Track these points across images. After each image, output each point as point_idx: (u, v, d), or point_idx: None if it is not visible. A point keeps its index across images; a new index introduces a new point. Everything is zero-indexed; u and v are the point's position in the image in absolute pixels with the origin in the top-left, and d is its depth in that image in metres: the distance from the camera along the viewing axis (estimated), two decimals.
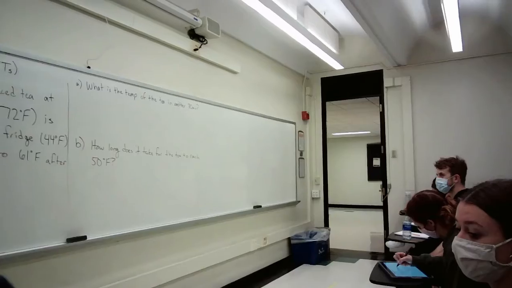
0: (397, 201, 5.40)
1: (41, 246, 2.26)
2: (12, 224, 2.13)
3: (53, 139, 2.35)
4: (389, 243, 4.99)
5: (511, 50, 4.87)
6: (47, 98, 2.31)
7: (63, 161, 2.41)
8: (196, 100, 3.60)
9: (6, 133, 2.10)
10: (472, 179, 1.00)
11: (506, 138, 4.88)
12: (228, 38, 4.21)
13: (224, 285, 4.02)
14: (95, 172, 2.61)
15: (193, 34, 3.56)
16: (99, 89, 2.65)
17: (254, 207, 4.51)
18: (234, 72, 4.31)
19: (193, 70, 3.71)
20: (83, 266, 2.57)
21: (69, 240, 2.42)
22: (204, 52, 3.71)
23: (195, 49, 3.60)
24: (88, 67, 2.60)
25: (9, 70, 2.12)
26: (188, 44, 3.55)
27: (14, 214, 2.15)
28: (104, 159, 2.68)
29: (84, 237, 2.52)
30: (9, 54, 2.12)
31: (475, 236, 0.92)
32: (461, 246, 0.95)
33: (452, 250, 1.00)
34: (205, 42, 3.67)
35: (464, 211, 0.96)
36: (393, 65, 5.53)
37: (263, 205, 4.67)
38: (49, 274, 2.37)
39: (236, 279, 4.23)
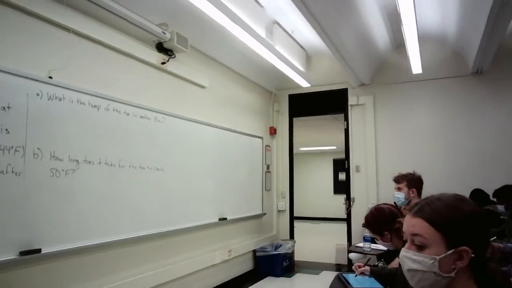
0: (360, 214, 5.53)
1: None
2: None
3: (9, 150, 2.29)
4: (352, 255, 5.09)
5: (466, 73, 5.17)
6: (4, 108, 2.27)
7: (19, 172, 2.35)
8: (162, 113, 3.60)
9: None
10: (430, 192, 1.07)
11: (461, 154, 5.15)
12: (196, 52, 4.25)
13: None
14: (53, 183, 2.56)
15: (161, 47, 3.58)
16: (60, 100, 2.62)
17: (220, 219, 4.52)
18: (202, 87, 4.34)
19: (161, 83, 3.72)
20: (38, 280, 2.50)
21: (22, 253, 2.35)
22: (172, 66, 3.73)
23: (163, 63, 3.62)
24: (50, 77, 2.57)
25: None
26: (156, 57, 3.57)
27: None
28: (63, 170, 2.63)
29: (39, 250, 2.45)
30: None
31: (420, 247, 0.97)
32: (407, 257, 1.00)
33: (400, 261, 1.06)
34: (173, 56, 3.69)
35: (411, 224, 1.01)
36: (357, 84, 5.73)
37: (228, 218, 4.68)
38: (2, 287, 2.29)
39: None
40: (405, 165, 4.00)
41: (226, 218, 4.63)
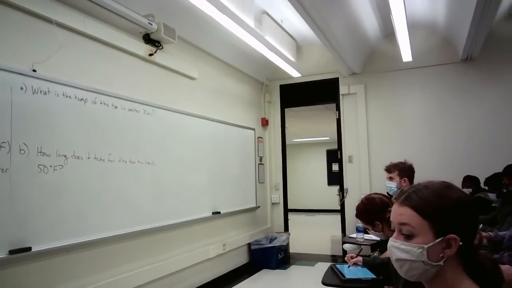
0: (354, 205, 5.37)
1: None
2: None
3: None
4: (346, 246, 5.12)
5: (456, 60, 5.17)
6: None
7: (5, 168, 2.29)
8: (151, 106, 3.54)
9: None
10: (423, 180, 1.05)
11: (453, 141, 5.17)
12: (185, 44, 4.18)
13: None
14: (41, 179, 2.50)
15: (148, 39, 3.51)
16: (45, 94, 2.55)
17: (213, 213, 4.48)
18: (192, 78, 4.28)
19: (149, 75, 3.66)
20: (28, 279, 2.45)
21: (12, 252, 2.30)
22: (160, 57, 3.67)
23: (151, 54, 3.55)
24: (34, 71, 2.50)
25: None
26: (143, 49, 3.50)
27: None
28: (51, 166, 2.57)
29: (29, 249, 2.40)
30: None
31: (408, 237, 0.95)
32: (395, 247, 0.98)
33: (388, 251, 1.03)
34: (160, 47, 3.63)
35: (398, 213, 0.99)
36: (348, 73, 5.71)
37: (222, 211, 4.65)
38: None
39: (196, 286, 4.18)
40: (397, 154, 3.99)
41: (219, 212, 4.60)
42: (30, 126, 2.45)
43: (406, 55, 4.82)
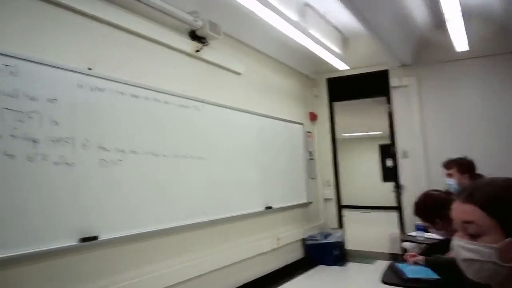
0: (411, 202, 5.27)
1: (55, 246, 2.30)
2: (24, 225, 2.17)
3: (59, 141, 2.39)
4: (406, 244, 4.88)
5: None
6: (51, 100, 2.37)
7: (71, 162, 2.45)
8: (200, 101, 3.63)
9: (13, 135, 2.15)
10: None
11: None
12: (230, 39, 4.25)
13: (238, 285, 3.99)
14: (102, 173, 2.65)
15: (194, 35, 3.60)
16: (102, 91, 2.71)
17: (266, 208, 4.49)
18: (237, 73, 4.34)
19: (196, 71, 3.75)
20: (95, 265, 2.60)
21: (82, 240, 2.46)
22: (205, 53, 3.76)
23: (197, 51, 3.65)
24: (90, 69, 2.66)
25: (11, 72, 2.18)
26: (189, 45, 3.60)
27: (26, 215, 2.19)
28: (111, 160, 2.72)
29: (96, 237, 2.55)
30: (10, 56, 2.18)
31: (474, 236, 0.90)
32: (461, 246, 0.92)
33: (453, 251, 0.97)
34: (206, 44, 3.71)
35: (461, 211, 0.94)
36: (398, 65, 5.49)
37: (274, 206, 4.64)
38: (64, 272, 2.40)
39: (251, 279, 4.20)
40: (456, 149, 3.78)
41: (272, 207, 4.59)
42: (90, 122, 2.60)
43: (461, 44, 4.56)
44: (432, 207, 2.01)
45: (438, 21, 5.08)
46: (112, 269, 2.72)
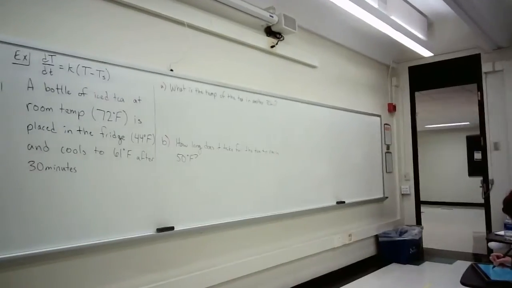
0: (501, 198, 4.80)
1: (135, 235, 2.50)
2: (109, 214, 2.39)
3: (142, 138, 2.58)
4: (492, 244, 4.51)
5: None
6: (136, 101, 2.55)
7: (152, 157, 2.63)
8: (274, 97, 3.64)
9: (102, 133, 2.37)
10: None
11: None
12: (305, 32, 4.17)
13: (307, 280, 4.02)
14: (180, 167, 2.80)
15: (269, 31, 3.61)
16: (181, 90, 2.84)
17: (337, 202, 4.42)
18: (312, 67, 4.26)
19: (271, 67, 3.76)
20: (171, 254, 2.79)
21: (159, 230, 2.64)
22: (281, 48, 3.74)
23: (272, 46, 3.65)
24: (171, 70, 2.80)
25: (103, 76, 2.39)
26: (265, 41, 3.61)
27: (110, 205, 2.40)
28: (188, 155, 2.86)
29: (172, 228, 2.72)
30: (102, 62, 2.39)
31: None
32: None
33: None
34: (281, 39, 3.69)
35: None
36: (492, 48, 4.96)
37: (346, 201, 4.55)
38: (141, 260, 2.61)
39: (320, 274, 4.20)
40: None
41: (344, 202, 4.51)
42: (170, 120, 2.76)
43: None
44: None
45: None
46: (188, 259, 2.89)
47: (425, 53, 5.05)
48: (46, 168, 2.11)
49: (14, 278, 2.03)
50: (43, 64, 2.13)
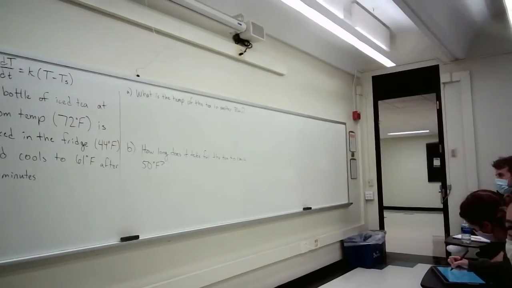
0: (458, 203, 4.96)
1: (98, 245, 2.42)
2: (71, 224, 2.30)
3: (106, 144, 2.51)
4: (451, 248, 4.70)
5: None
6: (100, 106, 2.48)
7: (116, 164, 2.56)
8: (242, 104, 3.65)
9: (64, 140, 2.28)
10: None
11: None
12: (273, 40, 4.23)
13: (275, 286, 4.03)
14: (145, 175, 2.74)
15: (238, 38, 3.63)
16: (148, 96, 2.79)
17: (304, 208, 4.47)
18: (280, 74, 4.31)
19: (239, 74, 3.78)
20: (136, 264, 2.72)
21: (123, 239, 2.57)
22: (249, 56, 3.77)
23: (240, 54, 3.66)
24: (137, 76, 2.75)
25: (66, 81, 2.31)
26: (233, 48, 3.62)
27: (72, 214, 2.31)
28: (154, 162, 2.81)
29: (137, 237, 2.65)
30: (65, 66, 2.31)
31: None
32: None
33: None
34: (250, 46, 3.72)
35: None
36: (450, 60, 5.22)
37: (313, 207, 4.61)
38: (105, 270, 2.53)
39: (288, 280, 4.22)
40: (508, 148, 3.54)
41: (310, 208, 4.57)
42: (136, 126, 2.70)
43: None
44: (479, 209, 1.93)
45: (496, 10, 4.76)
46: (153, 268, 2.83)
47: (388, 63, 5.23)
48: (2, 176, 2.01)
49: None
50: (1, 67, 2.03)
